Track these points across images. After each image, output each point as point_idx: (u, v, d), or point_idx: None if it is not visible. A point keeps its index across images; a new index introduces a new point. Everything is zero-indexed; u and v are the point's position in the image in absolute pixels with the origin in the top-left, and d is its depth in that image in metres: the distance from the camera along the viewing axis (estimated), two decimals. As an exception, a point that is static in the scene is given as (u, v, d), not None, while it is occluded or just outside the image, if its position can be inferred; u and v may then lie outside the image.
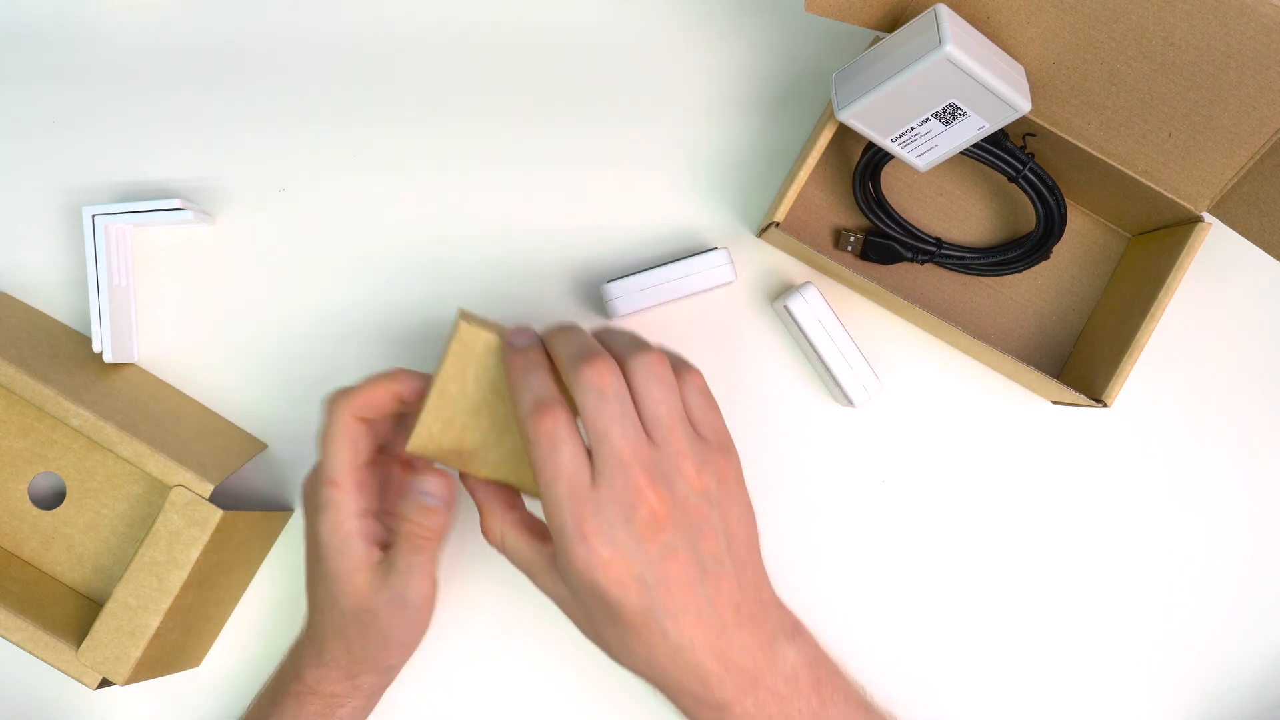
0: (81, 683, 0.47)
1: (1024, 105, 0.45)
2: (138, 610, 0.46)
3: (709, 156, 0.56)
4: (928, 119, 0.47)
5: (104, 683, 0.47)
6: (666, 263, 0.53)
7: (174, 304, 0.55)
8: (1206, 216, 0.50)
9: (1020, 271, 0.54)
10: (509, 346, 0.41)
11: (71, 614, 0.49)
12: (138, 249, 0.55)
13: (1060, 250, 0.55)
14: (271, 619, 0.54)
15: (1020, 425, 0.56)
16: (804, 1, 0.48)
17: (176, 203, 0.52)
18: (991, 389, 0.56)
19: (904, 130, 0.48)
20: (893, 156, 0.51)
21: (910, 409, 0.55)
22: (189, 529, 0.46)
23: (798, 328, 0.53)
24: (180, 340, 0.55)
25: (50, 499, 0.52)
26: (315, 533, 0.44)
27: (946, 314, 0.55)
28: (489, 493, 0.44)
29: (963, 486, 0.55)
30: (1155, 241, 0.53)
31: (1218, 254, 0.55)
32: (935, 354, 0.56)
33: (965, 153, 0.50)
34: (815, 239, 0.55)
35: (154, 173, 0.55)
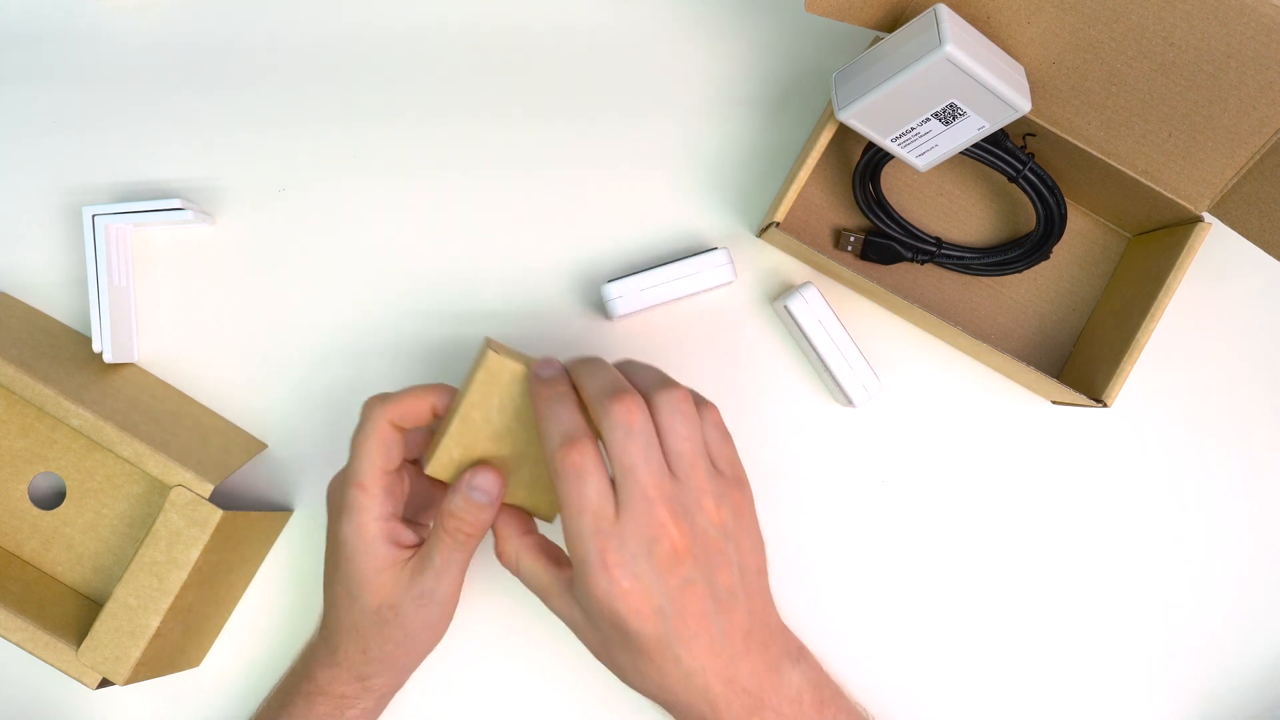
0: (81, 683, 0.47)
1: (1024, 105, 0.45)
2: (138, 610, 0.46)
3: (709, 156, 0.56)
4: (928, 119, 0.47)
5: (104, 683, 0.47)
6: (666, 263, 0.53)
7: (174, 304, 0.55)
8: (1206, 216, 0.50)
9: (1020, 271, 0.54)
10: (535, 378, 0.42)
11: (71, 614, 0.49)
12: (138, 249, 0.55)
13: (1060, 250, 0.55)
14: (271, 619, 0.54)
15: (1020, 425, 0.56)
16: (804, 1, 0.48)
17: (176, 203, 0.52)
18: (991, 389, 0.56)
19: (904, 130, 0.48)
20: (893, 156, 0.51)
21: (910, 409, 0.55)
22: (189, 529, 0.46)
23: (798, 328, 0.53)
24: (180, 340, 0.55)
25: (50, 499, 0.52)
26: (338, 533, 0.44)
27: (946, 314, 0.55)
28: (504, 516, 0.44)
29: (963, 486, 0.55)
30: (1155, 241, 0.53)
31: (1218, 254, 0.55)
32: (935, 354, 0.56)
33: (965, 153, 0.50)
34: (815, 239, 0.55)
35: (154, 173, 0.55)
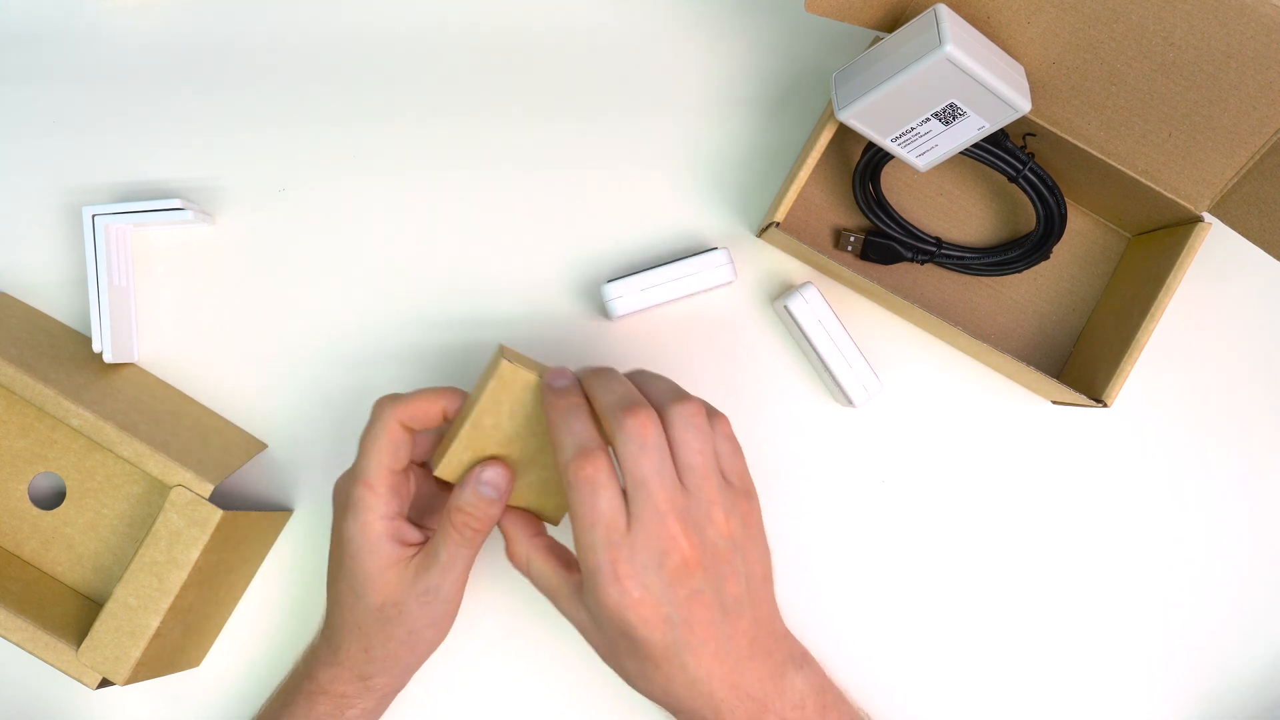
0: (81, 683, 0.47)
1: (1024, 105, 0.45)
2: (138, 610, 0.46)
3: (709, 156, 0.56)
4: (928, 119, 0.47)
5: (104, 683, 0.47)
6: (666, 263, 0.53)
7: (174, 304, 0.55)
8: (1206, 216, 0.50)
9: (1020, 271, 0.54)
10: (548, 388, 0.42)
11: (71, 614, 0.49)
12: (138, 249, 0.55)
13: (1060, 250, 0.55)
14: (271, 619, 0.54)
15: (1020, 425, 0.56)
16: (804, 1, 0.48)
17: (176, 203, 0.52)
18: (991, 389, 0.56)
19: (904, 130, 0.48)
20: (893, 156, 0.51)
21: (910, 409, 0.55)
22: (189, 529, 0.46)
23: (798, 328, 0.53)
24: (180, 340, 0.55)
25: (50, 499, 0.52)
26: (343, 531, 0.44)
27: (946, 314, 0.55)
28: (514, 517, 0.45)
29: (963, 486, 0.55)
30: (1155, 241, 0.53)
31: (1218, 254, 0.55)
32: (935, 354, 0.56)
33: (965, 153, 0.50)
34: (815, 239, 0.55)
35: (154, 173, 0.55)
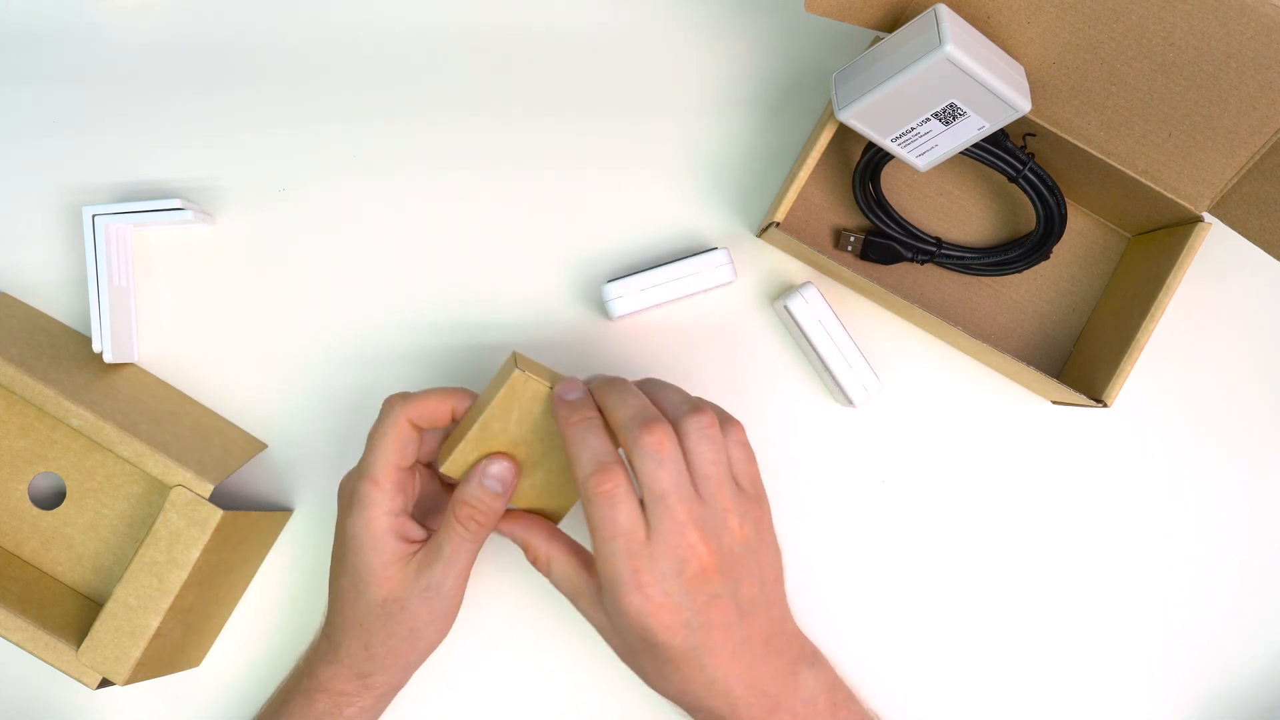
0: (81, 683, 0.47)
1: (1024, 105, 0.45)
2: (138, 610, 0.46)
3: (709, 157, 0.56)
4: (928, 119, 0.47)
5: (104, 683, 0.47)
6: (666, 263, 0.53)
7: (174, 304, 0.55)
8: (1206, 216, 0.50)
9: (1020, 271, 0.54)
10: (561, 401, 0.43)
11: (71, 614, 0.49)
12: (138, 249, 0.55)
13: (1060, 250, 0.55)
14: (271, 619, 0.54)
15: (1020, 425, 0.56)
16: (804, 1, 0.48)
17: (176, 203, 0.52)
18: (991, 389, 0.56)
19: (904, 130, 0.48)
20: (893, 156, 0.51)
21: (910, 409, 0.55)
22: (189, 529, 0.46)
23: (798, 328, 0.53)
24: (180, 340, 0.55)
25: (50, 499, 0.52)
26: (347, 527, 0.45)
27: (946, 314, 0.55)
28: (529, 521, 0.46)
29: (963, 486, 0.55)
30: (1155, 241, 0.53)
31: (1218, 254, 0.55)
32: (935, 354, 0.56)
33: (965, 153, 0.50)
34: (815, 239, 0.55)
35: (154, 173, 0.55)
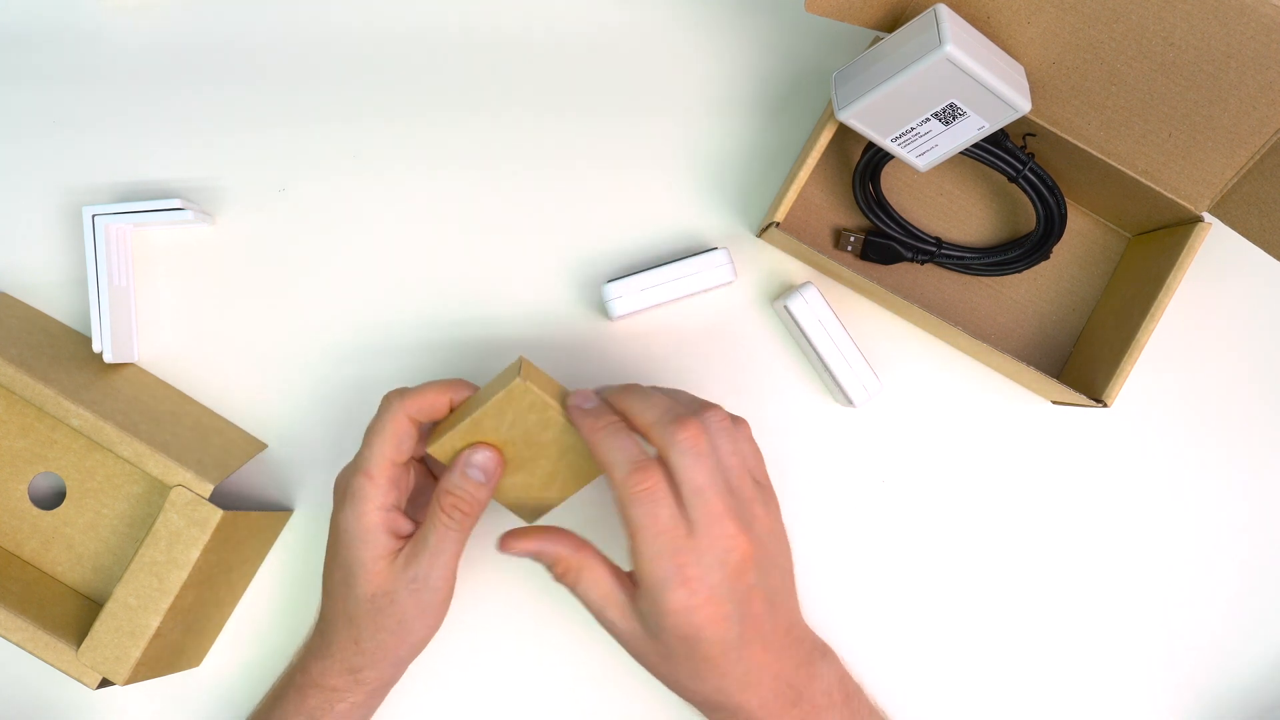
0: (81, 683, 0.47)
1: (1024, 105, 0.45)
2: (138, 610, 0.46)
3: (709, 157, 0.56)
4: (928, 119, 0.47)
5: (104, 683, 0.47)
6: (666, 263, 0.53)
7: (174, 304, 0.55)
8: (1206, 216, 0.50)
9: (1020, 271, 0.54)
10: (579, 410, 0.44)
11: (71, 614, 0.49)
12: (138, 249, 0.55)
13: (1060, 250, 0.55)
14: (271, 619, 0.54)
15: (1020, 425, 0.56)
16: (804, 1, 0.48)
17: (176, 203, 0.52)
18: (991, 389, 0.56)
19: (904, 130, 0.48)
20: (893, 156, 0.51)
21: (910, 409, 0.55)
22: (189, 529, 0.46)
23: (798, 328, 0.53)
24: (180, 340, 0.55)
25: (50, 499, 0.52)
26: (339, 521, 0.45)
27: (946, 314, 0.55)
28: (553, 534, 0.45)
29: (963, 486, 0.55)
30: (1155, 241, 0.53)
31: (1218, 254, 0.55)
32: (935, 354, 0.56)
33: (965, 153, 0.50)
34: (815, 239, 0.55)
35: (154, 173, 0.55)
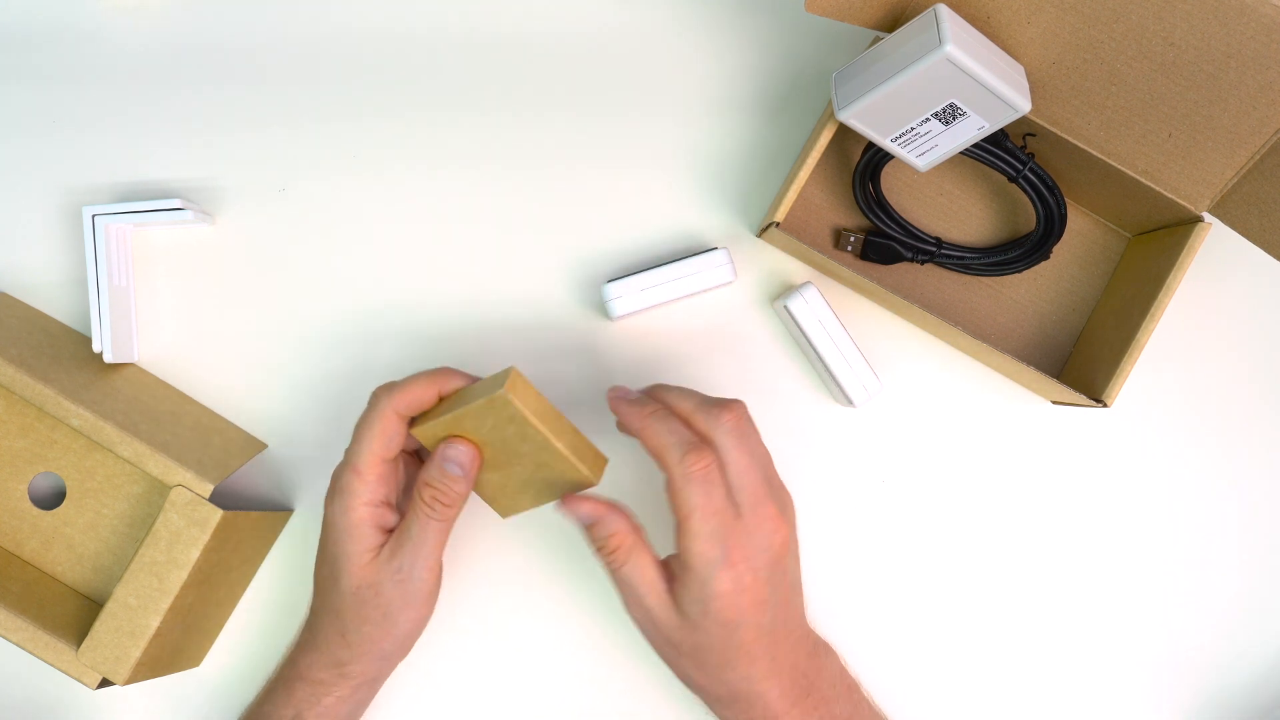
0: (81, 683, 0.47)
1: (1024, 105, 0.45)
2: (138, 610, 0.46)
3: (709, 157, 0.56)
4: (928, 119, 0.47)
5: (104, 683, 0.47)
6: (666, 263, 0.53)
7: (174, 304, 0.55)
8: (1206, 216, 0.50)
9: (1020, 271, 0.54)
10: (623, 401, 0.45)
11: (71, 614, 0.49)
12: (138, 249, 0.55)
13: (1060, 250, 0.55)
14: (271, 619, 0.54)
15: (1020, 425, 0.56)
16: (804, 1, 0.48)
17: (176, 203, 0.52)
18: (991, 389, 0.56)
19: (904, 130, 0.48)
20: (893, 156, 0.51)
21: (910, 409, 0.55)
22: (189, 529, 0.46)
23: (798, 328, 0.53)
24: (180, 340, 0.55)
25: (50, 499, 0.52)
26: (327, 516, 0.45)
27: (946, 314, 0.55)
28: (614, 508, 0.44)
29: (963, 486, 0.55)
30: (1155, 241, 0.53)
31: (1218, 254, 0.55)
32: (935, 354, 0.56)
33: (965, 153, 0.50)
34: (815, 239, 0.55)
35: (154, 173, 0.55)
